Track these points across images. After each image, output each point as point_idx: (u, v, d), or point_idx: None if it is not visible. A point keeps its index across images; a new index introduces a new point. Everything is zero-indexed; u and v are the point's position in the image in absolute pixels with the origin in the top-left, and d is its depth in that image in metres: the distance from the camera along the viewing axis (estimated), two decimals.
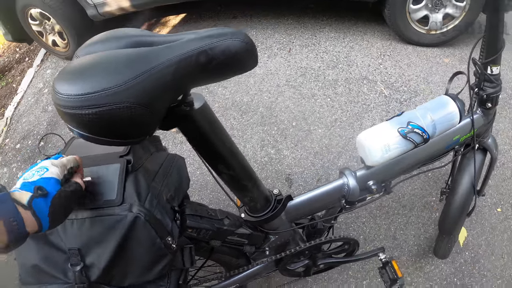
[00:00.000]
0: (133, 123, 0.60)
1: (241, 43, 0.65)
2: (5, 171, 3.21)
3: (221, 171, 0.90)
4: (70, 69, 0.59)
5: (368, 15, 2.86)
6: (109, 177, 0.84)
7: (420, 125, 1.04)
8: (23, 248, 0.84)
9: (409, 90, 2.38)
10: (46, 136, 3.05)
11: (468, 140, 1.24)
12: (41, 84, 3.84)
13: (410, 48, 2.63)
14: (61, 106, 0.57)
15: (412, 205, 1.89)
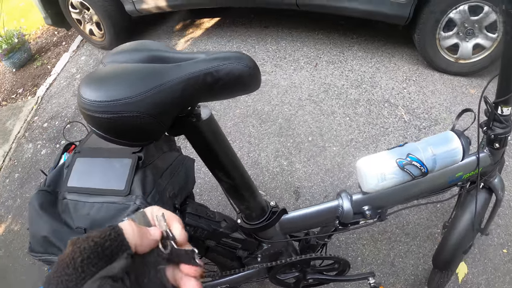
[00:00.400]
0: (141, 130, 0.68)
1: (244, 68, 0.71)
2: (30, 147, 3.34)
3: (221, 178, 0.97)
4: (94, 76, 0.69)
5: (398, 38, 2.85)
6: (120, 170, 0.95)
7: (419, 158, 1.05)
8: (37, 220, 0.96)
9: (429, 118, 2.36)
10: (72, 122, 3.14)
11: (473, 178, 1.22)
12: (75, 69, 3.96)
13: (437, 75, 2.60)
14: (83, 108, 0.66)
15: (416, 234, 1.88)
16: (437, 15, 2.32)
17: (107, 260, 0.34)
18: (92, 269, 0.32)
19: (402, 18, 2.42)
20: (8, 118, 3.90)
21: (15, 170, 3.27)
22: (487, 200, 1.35)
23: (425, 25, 2.39)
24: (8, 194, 3.11)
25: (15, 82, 4.52)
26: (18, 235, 2.76)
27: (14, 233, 2.79)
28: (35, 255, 1.00)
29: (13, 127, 3.74)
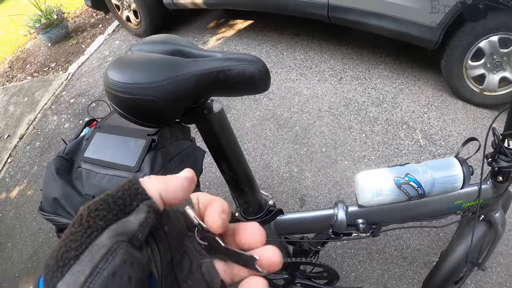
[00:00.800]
0: (155, 112, 0.75)
1: (255, 70, 0.77)
2: (54, 119, 3.44)
3: (223, 169, 1.03)
4: (121, 61, 0.76)
5: (426, 61, 2.85)
6: (134, 149, 1.02)
7: (417, 180, 1.07)
8: (51, 182, 1.05)
9: (446, 146, 2.35)
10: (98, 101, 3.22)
11: (473, 208, 1.21)
12: (107, 52, 4.06)
13: (460, 104, 2.57)
14: (108, 87, 0.74)
15: (413, 259, 1.87)
16: (466, 43, 2.30)
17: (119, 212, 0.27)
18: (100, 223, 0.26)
19: (431, 42, 2.41)
20: (38, 89, 4.03)
21: (37, 138, 3.38)
22: (486, 233, 1.32)
23: (453, 52, 2.37)
24: (27, 160, 3.22)
25: (49, 56, 4.66)
26: (29, 200, 2.86)
27: (26, 197, 2.89)
28: (44, 214, 1.09)
29: (41, 98, 3.86)
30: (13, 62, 5.11)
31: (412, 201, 1.12)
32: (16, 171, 3.20)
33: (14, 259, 2.55)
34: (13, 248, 2.62)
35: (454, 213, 1.23)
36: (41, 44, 5.05)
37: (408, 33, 2.46)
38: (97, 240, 0.25)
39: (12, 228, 2.76)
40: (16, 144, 3.50)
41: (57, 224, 1.09)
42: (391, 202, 1.12)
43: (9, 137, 3.62)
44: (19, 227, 2.73)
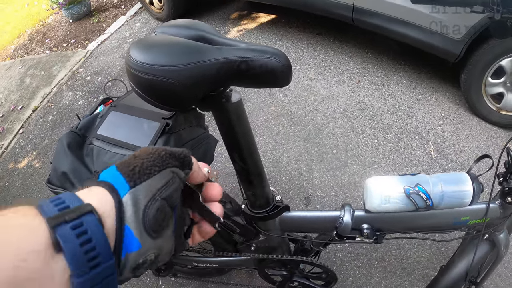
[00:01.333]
0: (173, 96, 0.75)
1: (278, 64, 0.76)
2: (69, 95, 3.47)
3: (235, 159, 1.02)
4: (145, 41, 0.76)
5: (446, 74, 2.82)
6: (148, 130, 1.03)
7: (427, 191, 1.06)
8: (62, 156, 1.06)
9: (457, 161, 2.33)
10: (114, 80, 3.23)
11: (478, 226, 1.19)
12: (128, 33, 4.07)
13: (476, 120, 2.54)
14: (129, 66, 0.74)
15: (412, 271, 1.86)
16: (488, 59, 2.27)
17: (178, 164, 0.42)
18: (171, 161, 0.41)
19: (453, 55, 2.38)
20: (55, 63, 4.05)
21: (50, 112, 3.40)
22: (488, 253, 1.30)
23: (474, 67, 2.35)
24: (38, 132, 3.25)
25: (69, 32, 4.68)
26: (37, 172, 2.88)
27: (34, 169, 2.92)
28: (51, 187, 1.09)
29: (58, 73, 3.88)
30: (33, 35, 5.14)
31: (419, 212, 1.11)
32: (27, 142, 3.23)
33: None
34: None
35: (459, 229, 1.22)
36: (62, 20, 5.08)
37: (431, 44, 2.43)
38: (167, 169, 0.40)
39: (17, 198, 2.78)
40: (29, 116, 3.53)
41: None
42: (398, 211, 1.11)
43: (22, 108, 3.65)
44: (24, 198, 2.76)
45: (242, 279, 1.93)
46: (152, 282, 2.05)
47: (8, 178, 2.97)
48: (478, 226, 1.19)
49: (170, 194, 0.39)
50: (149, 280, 2.06)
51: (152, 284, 2.05)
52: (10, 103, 3.81)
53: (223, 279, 1.93)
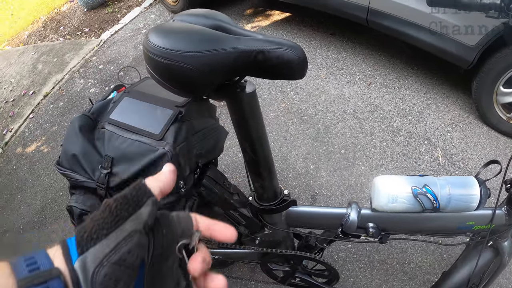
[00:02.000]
0: (189, 81, 0.77)
1: (294, 56, 0.77)
2: (81, 82, 3.49)
3: (245, 150, 1.04)
4: (164, 27, 0.78)
5: (457, 80, 2.80)
6: (160, 117, 1.04)
7: (435, 193, 1.06)
8: (73, 138, 1.07)
9: (464, 168, 2.31)
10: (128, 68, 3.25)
11: (483, 232, 1.19)
12: (142, 24, 4.09)
13: (485, 128, 2.52)
14: (147, 50, 0.75)
15: (414, 275, 1.86)
16: (501, 68, 2.25)
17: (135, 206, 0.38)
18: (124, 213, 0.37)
19: (466, 61, 2.36)
20: (68, 51, 4.07)
21: (61, 98, 3.43)
22: (491, 260, 1.30)
23: (487, 75, 2.32)
24: (48, 118, 3.27)
25: (83, 21, 4.71)
26: (45, 157, 2.91)
27: (42, 154, 2.94)
28: (60, 169, 1.10)
29: (70, 60, 3.90)
30: (47, 22, 5.17)
31: (425, 213, 1.11)
32: (36, 127, 3.26)
33: (21, 212, 2.60)
34: (22, 201, 2.67)
35: (464, 233, 1.22)
36: (77, 8, 5.10)
37: (445, 49, 2.42)
38: (121, 226, 0.36)
39: (24, 181, 2.81)
40: (40, 101, 3.55)
41: (71, 180, 1.11)
42: (405, 211, 1.11)
43: (34, 93, 3.68)
44: (30, 182, 2.78)
45: (244, 273, 1.94)
46: None
47: (16, 162, 3.00)
48: (483, 232, 1.19)
49: (122, 256, 0.35)
50: None
51: None
52: (21, 88, 3.84)
53: (224, 272, 1.94)
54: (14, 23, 5.76)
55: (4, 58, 4.58)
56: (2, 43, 5.34)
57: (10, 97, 3.79)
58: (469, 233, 1.22)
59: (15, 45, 5.03)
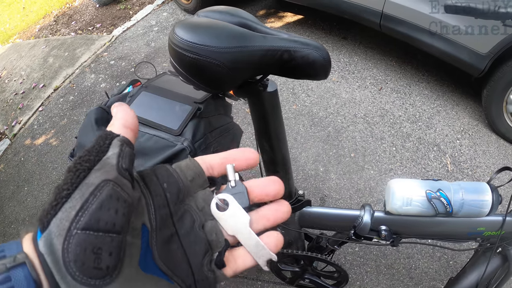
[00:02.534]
0: (214, 77, 0.77)
1: (319, 57, 0.77)
2: (92, 77, 3.50)
3: (264, 148, 1.04)
4: (190, 21, 0.78)
5: (468, 88, 2.80)
6: (179, 113, 1.04)
7: (448, 197, 1.06)
8: (88, 131, 1.07)
9: (472, 176, 2.31)
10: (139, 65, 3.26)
11: (493, 239, 1.19)
12: (154, 21, 4.10)
13: (494, 137, 2.52)
14: (173, 43, 0.76)
15: (419, 281, 1.86)
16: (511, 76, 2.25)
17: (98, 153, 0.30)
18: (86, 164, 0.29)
19: (477, 69, 2.35)
20: (80, 46, 4.09)
21: (71, 92, 3.44)
22: (499, 268, 1.29)
23: (497, 84, 2.32)
24: (58, 111, 3.28)
25: (95, 17, 4.73)
26: (53, 150, 2.92)
27: (50, 147, 2.96)
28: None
29: (81, 55, 3.92)
30: (59, 17, 5.20)
31: (438, 217, 1.11)
32: (46, 120, 3.27)
33: (27, 203, 2.62)
34: (29, 193, 2.69)
35: (474, 239, 1.22)
36: (89, 4, 5.13)
37: (457, 56, 2.41)
38: (86, 180, 0.28)
39: (31, 173, 2.82)
40: (50, 94, 3.57)
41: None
42: (418, 215, 1.11)
43: (44, 87, 3.69)
44: (38, 174, 2.80)
45: (251, 272, 1.94)
46: None
47: (24, 154, 3.02)
48: (492, 239, 1.19)
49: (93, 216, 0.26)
50: None
51: None
52: (31, 81, 3.85)
53: None
54: (26, 17, 5.79)
55: (15, 51, 4.61)
56: (13, 36, 5.37)
57: (20, 90, 3.81)
58: (478, 239, 1.21)
59: (26, 38, 5.06)
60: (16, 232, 2.46)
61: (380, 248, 1.96)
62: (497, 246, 1.19)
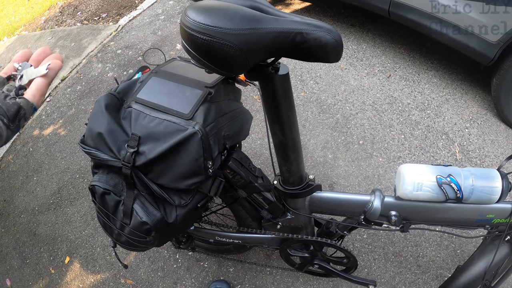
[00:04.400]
0: (227, 59, 0.77)
1: (331, 39, 0.77)
2: (99, 66, 3.50)
3: (275, 132, 1.04)
4: (202, 4, 0.78)
5: (477, 77, 2.77)
6: (190, 97, 1.04)
7: (459, 183, 1.06)
8: (99, 117, 1.08)
9: (481, 165, 2.30)
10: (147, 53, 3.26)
11: (502, 227, 1.20)
12: (160, 10, 4.09)
13: (503, 127, 2.50)
14: (186, 26, 0.75)
15: (427, 269, 1.86)
16: None
17: None
18: None
19: (487, 58, 2.32)
20: (86, 36, 4.09)
21: (78, 82, 3.45)
22: (507, 256, 1.28)
23: (507, 73, 2.28)
24: (65, 101, 3.29)
25: (101, 6, 4.72)
26: (62, 140, 2.94)
27: (59, 137, 2.97)
28: (84, 147, 1.10)
29: (88, 45, 3.92)
30: (64, 8, 5.19)
31: (447, 203, 1.12)
32: (54, 110, 3.28)
33: (37, 193, 2.63)
34: (38, 182, 2.70)
35: (483, 226, 1.22)
36: None
37: (467, 45, 2.38)
38: None
39: (40, 163, 2.84)
40: (57, 85, 3.57)
41: (96, 159, 1.11)
42: (428, 200, 1.12)
43: None
44: (47, 164, 2.81)
45: (259, 259, 1.95)
46: (169, 255, 2.08)
47: (33, 144, 3.03)
48: (501, 227, 1.20)
49: None
50: (166, 252, 2.09)
51: (169, 257, 2.08)
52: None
53: (240, 257, 1.95)
54: (31, 9, 5.79)
55: (21, 43, 4.61)
56: (19, 28, 5.37)
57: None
58: (487, 227, 1.22)
59: (31, 30, 5.06)
60: (27, 222, 2.47)
61: (388, 235, 1.96)
62: (505, 234, 1.19)
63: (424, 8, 2.48)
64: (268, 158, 2.36)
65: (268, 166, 2.33)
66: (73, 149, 2.83)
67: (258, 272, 1.92)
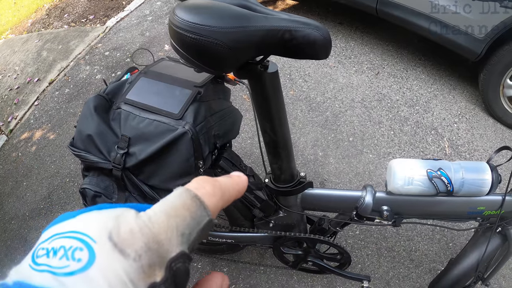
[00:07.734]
0: (217, 57, 0.77)
1: (320, 36, 0.77)
2: (87, 69, 3.48)
3: (265, 130, 1.04)
4: (191, 3, 0.78)
5: (465, 72, 2.81)
6: (179, 97, 1.03)
7: (449, 176, 1.07)
8: (88, 119, 1.06)
9: (470, 159, 2.33)
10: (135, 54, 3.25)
11: (493, 218, 1.21)
12: (148, 11, 4.07)
13: (491, 121, 2.53)
14: (175, 25, 0.75)
15: (420, 263, 1.88)
16: (508, 60, 2.25)
17: None
18: None
19: (474, 53, 2.35)
20: (73, 38, 4.06)
21: (67, 85, 3.42)
22: (498, 247, 1.31)
23: (494, 68, 2.32)
24: (54, 105, 3.26)
25: (88, 8, 4.68)
26: (51, 143, 2.91)
27: (47, 141, 2.94)
28: (74, 150, 1.10)
29: (75, 47, 3.89)
30: (51, 10, 5.14)
31: (438, 197, 1.13)
32: (42, 114, 3.25)
33: (27, 198, 2.60)
34: (28, 187, 2.67)
35: (474, 219, 1.23)
36: None
37: (453, 40, 2.41)
38: None
39: (29, 168, 2.81)
40: (45, 88, 3.54)
41: (86, 162, 1.10)
42: (419, 194, 1.13)
43: (38, 81, 3.66)
44: (36, 169, 2.78)
45: (253, 258, 1.95)
46: None
47: (22, 149, 3.00)
48: (492, 218, 1.21)
49: None
50: None
51: None
52: (26, 76, 3.82)
53: (233, 257, 1.95)
54: (17, 12, 5.74)
55: (8, 46, 4.56)
56: (5, 31, 5.32)
57: (15, 85, 3.77)
58: (478, 219, 1.23)
59: (18, 33, 5.01)
60: (18, 228, 2.45)
61: (380, 231, 1.97)
62: (496, 225, 1.21)
63: (411, 5, 2.49)
64: (259, 157, 2.35)
65: (259, 165, 2.32)
66: (62, 152, 2.81)
67: (252, 271, 1.92)
